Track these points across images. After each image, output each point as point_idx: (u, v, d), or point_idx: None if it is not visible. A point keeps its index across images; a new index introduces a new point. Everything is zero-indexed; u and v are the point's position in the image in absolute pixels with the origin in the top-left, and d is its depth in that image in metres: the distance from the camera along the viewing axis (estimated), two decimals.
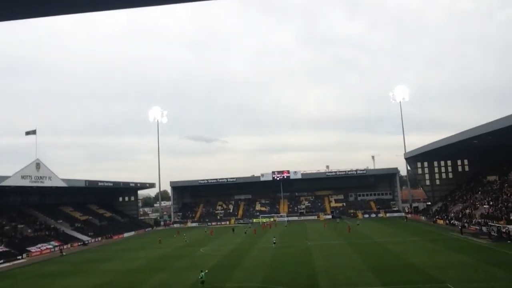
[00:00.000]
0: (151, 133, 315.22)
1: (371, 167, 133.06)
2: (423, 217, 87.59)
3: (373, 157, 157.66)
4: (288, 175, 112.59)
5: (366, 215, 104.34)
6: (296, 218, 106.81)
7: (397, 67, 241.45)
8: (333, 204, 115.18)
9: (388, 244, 51.16)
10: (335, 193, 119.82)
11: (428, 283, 29.87)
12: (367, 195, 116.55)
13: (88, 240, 77.81)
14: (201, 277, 31.66)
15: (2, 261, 55.67)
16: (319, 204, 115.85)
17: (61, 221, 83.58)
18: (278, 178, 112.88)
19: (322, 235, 66.72)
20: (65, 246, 70.02)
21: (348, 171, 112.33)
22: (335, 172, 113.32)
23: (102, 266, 47.96)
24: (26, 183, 65.63)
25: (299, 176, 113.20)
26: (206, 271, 32.15)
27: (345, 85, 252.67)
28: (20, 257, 59.70)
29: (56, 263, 53.67)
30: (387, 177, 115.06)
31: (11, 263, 55.53)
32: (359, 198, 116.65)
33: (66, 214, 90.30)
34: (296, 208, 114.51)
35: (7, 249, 60.62)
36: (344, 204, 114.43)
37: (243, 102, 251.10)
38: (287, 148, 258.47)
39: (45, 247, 66.65)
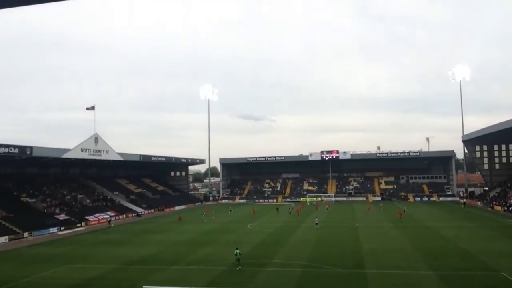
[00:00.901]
0: (201, 111, 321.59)
1: (425, 149, 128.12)
2: (479, 203, 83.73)
3: (427, 139, 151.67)
4: (337, 155, 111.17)
5: (418, 199, 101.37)
6: (344, 198, 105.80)
7: (457, 44, 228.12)
8: (383, 186, 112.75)
9: (440, 229, 49.48)
10: (386, 175, 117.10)
11: (480, 271, 28.67)
12: (419, 178, 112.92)
13: (141, 212, 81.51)
14: (236, 255, 31.30)
15: (63, 228, 59.72)
16: (368, 185, 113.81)
17: (117, 192, 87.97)
18: (326, 158, 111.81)
19: (369, 216, 65.66)
20: (120, 217, 73.89)
21: (401, 152, 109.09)
22: (387, 153, 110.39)
23: (154, 237, 50.15)
24: (85, 156, 69.42)
25: (348, 157, 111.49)
26: (238, 250, 31.47)
27: (400, 63, 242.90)
28: (79, 225, 63.73)
29: (111, 232, 56.79)
30: (442, 160, 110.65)
31: (71, 230, 59.45)
32: (410, 181, 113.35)
33: (121, 186, 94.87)
34: (344, 188, 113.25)
35: (68, 217, 64.86)
36: (395, 186, 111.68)
37: (291, 81, 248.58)
38: (336, 128, 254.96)
39: (102, 217, 70.63)
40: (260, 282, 26.56)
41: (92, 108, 72.79)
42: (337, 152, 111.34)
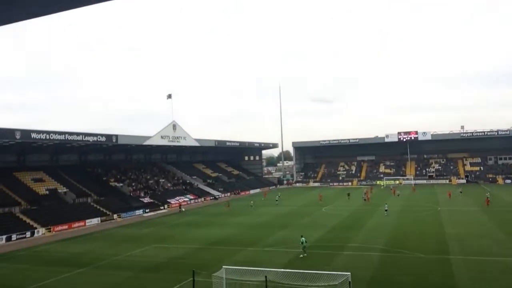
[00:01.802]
0: (274, 95, 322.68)
1: None
2: None
3: None
4: (416, 136, 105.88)
5: (508, 181, 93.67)
6: (424, 181, 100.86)
7: None
8: (468, 167, 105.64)
9: None
10: (471, 156, 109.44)
11: None
12: (510, 158, 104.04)
13: (218, 195, 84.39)
14: (302, 242, 29.93)
15: (148, 210, 63.71)
16: (452, 167, 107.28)
17: (195, 177, 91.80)
18: (404, 139, 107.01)
19: (453, 200, 62.04)
20: (199, 200, 77.10)
21: (488, 131, 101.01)
22: (472, 132, 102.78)
23: (231, 219, 51.75)
24: (164, 142, 73.06)
25: (428, 137, 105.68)
26: (303, 238, 30.06)
27: (485, 33, 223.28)
28: (162, 207, 67.57)
29: (192, 214, 59.50)
30: None
31: (155, 213, 63.26)
32: (499, 162, 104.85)
33: (199, 170, 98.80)
34: (424, 171, 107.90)
35: (151, 200, 69.04)
36: (481, 168, 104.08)
37: (363, 58, 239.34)
38: (414, 108, 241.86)
39: (182, 200, 74.23)
40: (338, 265, 26.33)
41: (170, 96, 76.13)
42: (416, 132, 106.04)
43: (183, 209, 64.50)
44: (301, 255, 29.44)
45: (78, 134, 55.14)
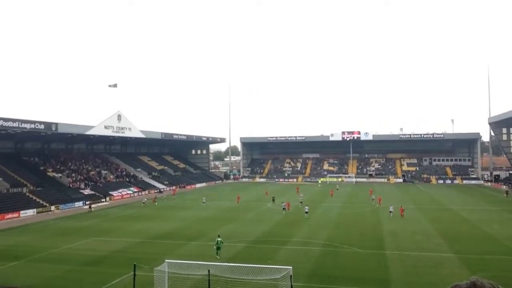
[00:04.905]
0: (223, 90, 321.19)
1: (449, 131, 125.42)
2: (504, 186, 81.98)
3: (452, 120, 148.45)
4: (359, 136, 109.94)
5: (441, 181, 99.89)
6: (364, 179, 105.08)
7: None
8: (405, 167, 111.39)
9: (463, 212, 48.84)
10: (408, 157, 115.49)
11: (503, 255, 28.33)
12: (443, 160, 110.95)
13: (163, 188, 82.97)
14: (217, 243, 28.35)
15: (88, 202, 61.35)
16: (390, 167, 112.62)
17: (139, 169, 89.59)
18: (348, 139, 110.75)
19: (391, 198, 65.16)
20: (143, 193, 75.38)
21: (424, 134, 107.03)
22: (409, 134, 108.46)
23: (176, 213, 51.11)
24: (108, 132, 70.58)
25: (370, 138, 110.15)
26: (219, 239, 28.63)
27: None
28: (104, 200, 65.37)
29: (135, 207, 58.10)
30: (467, 142, 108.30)
31: (96, 205, 60.98)
32: (434, 163, 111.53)
33: (144, 163, 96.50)
34: (365, 169, 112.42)
35: (92, 192, 66.56)
36: (417, 168, 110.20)
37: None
38: (357, 107, 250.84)
39: (125, 192, 72.24)
40: (280, 259, 26.87)
41: (115, 85, 73.60)
42: (359, 132, 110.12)
43: (92, 209, 54.82)
44: (217, 257, 27.41)
45: (14, 120, 51.91)
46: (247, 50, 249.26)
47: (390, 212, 45.54)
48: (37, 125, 55.54)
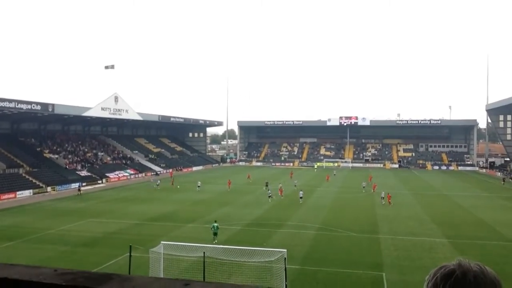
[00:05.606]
0: (222, 75, 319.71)
1: (447, 117, 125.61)
2: (499, 173, 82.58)
3: (450, 107, 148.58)
4: (356, 121, 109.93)
5: (436, 167, 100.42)
6: (361, 165, 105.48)
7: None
8: (401, 153, 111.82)
9: (457, 198, 49.27)
10: (405, 143, 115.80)
11: (495, 240, 28.70)
12: (439, 146, 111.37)
13: (160, 171, 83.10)
14: (212, 228, 28.03)
15: (84, 184, 61.43)
16: (386, 152, 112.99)
17: (136, 151, 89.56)
18: (345, 124, 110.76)
19: (386, 183, 65.57)
20: (139, 175, 75.52)
21: (421, 120, 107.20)
22: (407, 120, 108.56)
23: (172, 196, 51.29)
24: (105, 114, 70.36)
25: (367, 123, 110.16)
26: (216, 224, 28.13)
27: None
28: (100, 181, 65.50)
29: (131, 189, 58.29)
30: (463, 129, 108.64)
31: (92, 187, 61.15)
32: (430, 149, 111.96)
33: (140, 145, 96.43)
34: (362, 155, 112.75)
35: (89, 174, 66.65)
36: (413, 154, 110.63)
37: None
38: (354, 93, 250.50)
39: (122, 174, 72.38)
40: (275, 242, 27.15)
41: (112, 67, 73.03)
42: (356, 118, 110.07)
43: (81, 193, 52.45)
44: (215, 241, 26.77)
45: (10, 101, 51.65)
46: (246, 35, 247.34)
47: (382, 198, 44.96)
48: (33, 106, 55.28)
